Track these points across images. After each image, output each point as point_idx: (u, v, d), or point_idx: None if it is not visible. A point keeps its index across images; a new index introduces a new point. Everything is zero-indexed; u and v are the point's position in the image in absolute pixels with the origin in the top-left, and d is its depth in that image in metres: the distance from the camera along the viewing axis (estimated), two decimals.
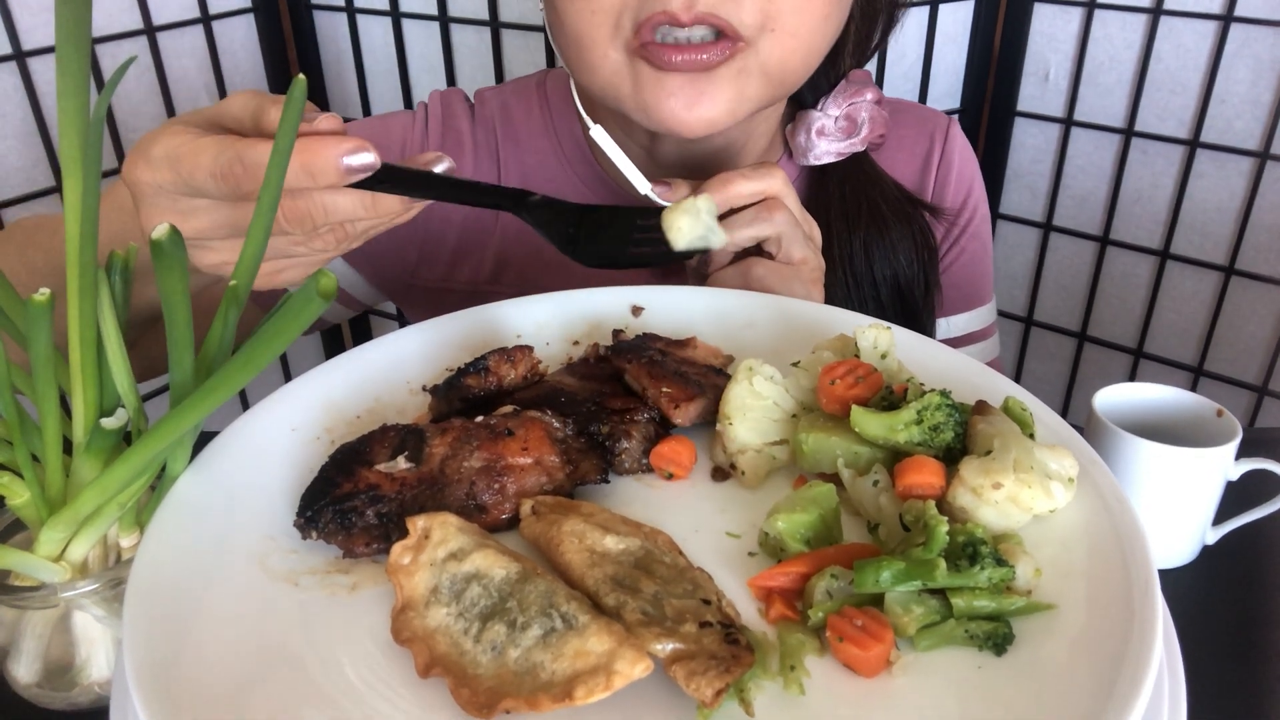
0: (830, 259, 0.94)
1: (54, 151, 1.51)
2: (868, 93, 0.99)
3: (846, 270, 0.98)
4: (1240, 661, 0.76)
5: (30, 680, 0.62)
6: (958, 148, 1.08)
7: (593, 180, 1.02)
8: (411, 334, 0.76)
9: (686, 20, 0.78)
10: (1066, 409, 1.85)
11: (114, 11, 1.53)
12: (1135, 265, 1.69)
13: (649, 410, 0.65)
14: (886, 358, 0.64)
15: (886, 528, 0.55)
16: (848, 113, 0.99)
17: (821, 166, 1.02)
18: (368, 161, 0.60)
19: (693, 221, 0.71)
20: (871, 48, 1.01)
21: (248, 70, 1.74)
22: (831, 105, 0.99)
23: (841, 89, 0.99)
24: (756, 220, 0.83)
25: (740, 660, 0.46)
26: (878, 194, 1.00)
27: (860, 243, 0.99)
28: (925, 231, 1.02)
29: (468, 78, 1.74)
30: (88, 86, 0.55)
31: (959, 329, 1.13)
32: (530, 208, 0.69)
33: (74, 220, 0.55)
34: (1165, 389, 0.88)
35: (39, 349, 0.54)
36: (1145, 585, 0.50)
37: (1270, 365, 1.60)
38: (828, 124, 0.99)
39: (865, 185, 1.01)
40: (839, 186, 1.00)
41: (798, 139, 1.01)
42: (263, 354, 0.52)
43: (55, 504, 0.58)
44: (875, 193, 1.00)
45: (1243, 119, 1.50)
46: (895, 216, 1.00)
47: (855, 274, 0.99)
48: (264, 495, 0.60)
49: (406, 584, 0.51)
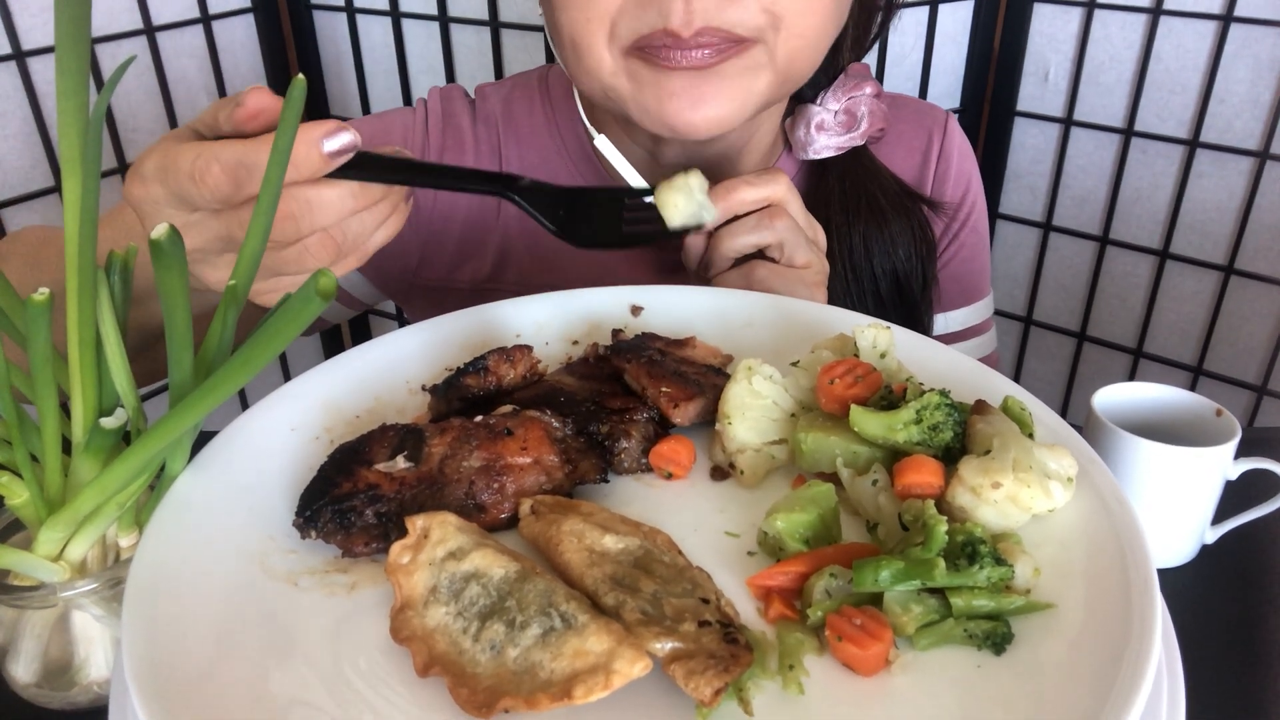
0: (830, 253, 0.94)
1: (54, 151, 1.51)
2: (867, 86, 0.99)
3: (846, 264, 0.99)
4: (1239, 661, 0.76)
5: (29, 680, 0.62)
6: (956, 143, 1.09)
7: (595, 180, 1.02)
8: (411, 334, 0.76)
9: (688, 35, 0.77)
10: (1066, 409, 1.85)
11: (114, 11, 1.53)
12: (1135, 265, 1.69)
13: (648, 410, 0.65)
14: (885, 357, 0.64)
15: (885, 527, 0.55)
16: (847, 107, 0.99)
17: (821, 161, 1.02)
18: (348, 141, 0.59)
19: (686, 198, 0.71)
20: (870, 41, 1.01)
21: (248, 70, 1.74)
22: (831, 100, 0.99)
23: (840, 83, 0.99)
24: (758, 227, 0.84)
25: (739, 659, 0.46)
26: (877, 188, 1.00)
27: (860, 236, 0.99)
28: (924, 225, 1.02)
29: (467, 78, 1.74)
30: (88, 86, 0.55)
31: (957, 324, 1.14)
32: (520, 191, 0.69)
33: (74, 220, 0.55)
34: (1165, 389, 0.88)
35: (38, 349, 0.54)
36: (1144, 584, 0.50)
37: (1270, 365, 1.60)
38: (827, 118, 0.99)
39: (864, 179, 1.01)
40: (838, 181, 1.00)
41: (797, 133, 1.00)
42: (262, 354, 0.52)
43: (54, 504, 0.58)
44: (874, 186, 1.00)
45: (1243, 119, 1.50)
46: (894, 210, 1.00)
47: (855, 268, 0.99)
48: (263, 495, 0.60)
49: (405, 583, 0.51)
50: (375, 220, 0.65)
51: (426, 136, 1.04)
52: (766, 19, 0.80)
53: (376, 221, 0.66)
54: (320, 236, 0.63)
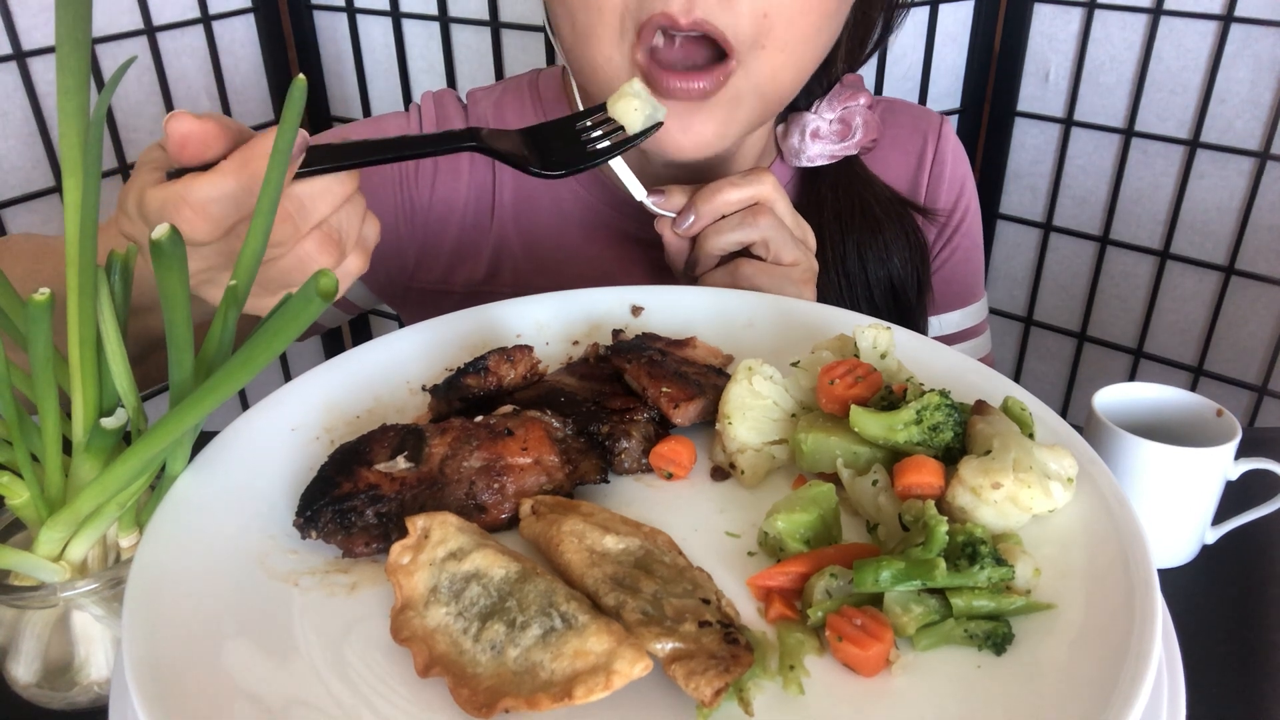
0: (823, 261, 0.95)
1: (54, 151, 1.51)
2: (861, 97, 1.00)
3: (839, 272, 0.99)
4: (1240, 661, 0.76)
5: (29, 680, 0.62)
6: (950, 146, 1.09)
7: (587, 179, 1.02)
8: (411, 334, 0.76)
9: (684, 23, 0.78)
10: (1066, 409, 1.85)
11: (114, 11, 1.53)
12: (1135, 265, 1.69)
13: (649, 410, 0.65)
14: (886, 357, 0.64)
15: (886, 527, 0.55)
16: (842, 116, 0.99)
17: (813, 170, 1.02)
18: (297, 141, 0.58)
19: (640, 102, 0.72)
20: (867, 52, 1.01)
21: (248, 70, 1.74)
22: (826, 108, 0.99)
23: (836, 93, 1.00)
24: (742, 225, 0.84)
25: (739, 660, 0.46)
26: (870, 195, 1.01)
27: (853, 244, 0.99)
28: (917, 232, 1.03)
29: (468, 78, 1.74)
30: (88, 86, 0.55)
31: (951, 326, 1.14)
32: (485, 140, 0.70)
33: (74, 220, 0.55)
34: (1165, 389, 0.88)
35: (39, 349, 0.54)
36: (1145, 585, 0.50)
37: (1270, 365, 1.60)
38: (822, 126, 0.99)
39: (858, 187, 1.01)
40: (831, 190, 1.01)
41: (790, 141, 1.01)
42: (262, 354, 0.52)
43: (55, 504, 0.58)
44: (868, 194, 1.01)
45: (1243, 119, 1.50)
46: (888, 218, 1.00)
47: (849, 275, 0.99)
48: (264, 495, 0.60)
49: (406, 584, 0.51)
50: (359, 212, 0.66)
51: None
52: (757, 30, 0.80)
53: (360, 213, 0.66)
54: (318, 238, 0.63)
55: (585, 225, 1.03)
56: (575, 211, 1.03)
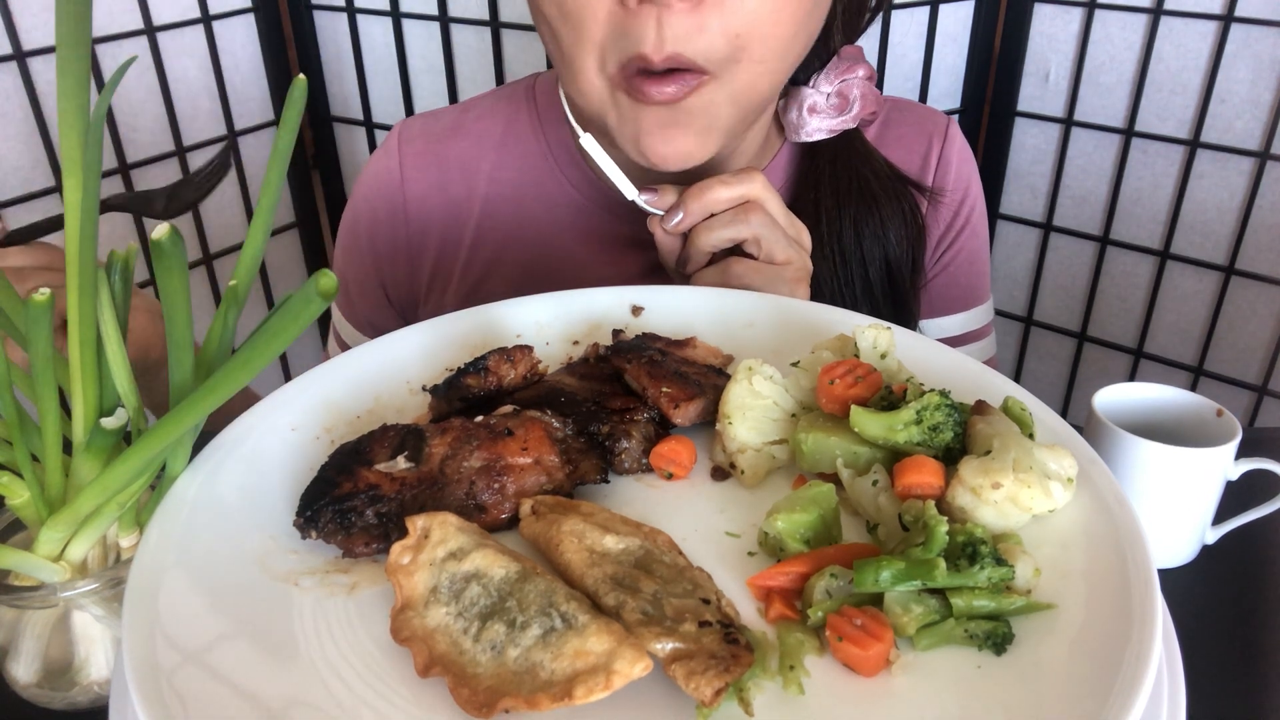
0: (819, 236, 0.95)
1: (54, 151, 1.51)
2: (860, 69, 0.99)
3: (835, 249, 0.98)
4: (1240, 661, 0.76)
5: (29, 680, 0.62)
6: (956, 147, 1.08)
7: (582, 183, 1.02)
8: (411, 334, 0.76)
9: (658, 60, 0.79)
10: (1066, 409, 1.85)
11: (114, 11, 1.54)
12: (1135, 265, 1.69)
13: (649, 410, 0.65)
14: (886, 357, 0.64)
15: (886, 527, 0.55)
16: (839, 89, 0.99)
17: (811, 144, 1.02)
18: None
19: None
20: (864, 24, 1.01)
21: (248, 70, 1.74)
22: (824, 82, 0.99)
23: (834, 65, 0.99)
24: (733, 222, 0.85)
25: (740, 660, 0.46)
26: (868, 171, 1.00)
27: (850, 219, 0.99)
28: (914, 210, 1.02)
29: (468, 78, 1.74)
30: (88, 86, 0.55)
31: (956, 328, 1.13)
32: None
33: (74, 220, 0.55)
34: (1165, 389, 0.88)
35: (39, 349, 0.54)
36: (1145, 585, 0.50)
37: (1270, 365, 1.60)
38: (819, 100, 0.99)
39: (856, 162, 1.00)
40: (829, 164, 1.00)
41: (789, 115, 1.00)
42: (262, 354, 0.52)
43: (55, 504, 0.58)
44: (866, 169, 1.00)
45: (1243, 119, 1.50)
46: (885, 194, 1.00)
47: (843, 251, 0.99)
48: (264, 495, 0.60)
49: (406, 584, 0.51)
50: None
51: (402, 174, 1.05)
52: (730, 49, 0.80)
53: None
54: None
55: (579, 229, 1.03)
56: (569, 216, 1.03)
